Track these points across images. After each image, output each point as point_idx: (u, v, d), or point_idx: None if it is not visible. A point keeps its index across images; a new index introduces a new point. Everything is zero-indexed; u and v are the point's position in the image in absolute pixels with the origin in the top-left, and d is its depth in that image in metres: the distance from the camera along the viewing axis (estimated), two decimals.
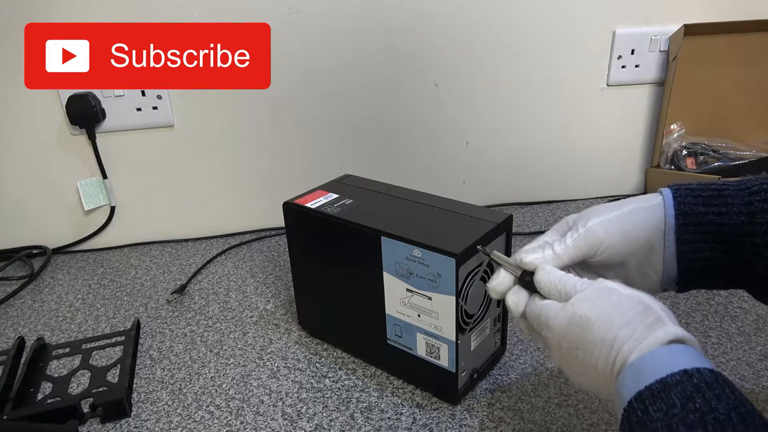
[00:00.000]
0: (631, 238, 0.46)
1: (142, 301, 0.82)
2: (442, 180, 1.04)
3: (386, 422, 0.57)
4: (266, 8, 0.88)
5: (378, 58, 0.94)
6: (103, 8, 0.85)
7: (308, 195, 0.66)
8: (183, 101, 0.92)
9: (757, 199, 0.43)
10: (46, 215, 0.97)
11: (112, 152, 0.94)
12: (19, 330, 0.77)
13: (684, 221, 0.45)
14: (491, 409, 0.58)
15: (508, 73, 0.98)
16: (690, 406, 0.32)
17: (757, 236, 0.43)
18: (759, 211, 0.43)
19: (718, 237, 0.44)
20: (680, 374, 0.34)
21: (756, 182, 0.44)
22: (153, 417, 0.59)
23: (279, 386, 0.63)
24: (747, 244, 0.43)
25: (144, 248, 0.99)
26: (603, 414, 0.56)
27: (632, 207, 0.46)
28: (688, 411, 0.32)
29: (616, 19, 0.97)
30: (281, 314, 0.76)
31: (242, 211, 1.02)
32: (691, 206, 0.45)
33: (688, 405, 0.32)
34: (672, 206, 0.45)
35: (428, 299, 0.55)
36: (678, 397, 0.33)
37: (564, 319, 0.41)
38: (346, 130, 0.99)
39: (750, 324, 0.69)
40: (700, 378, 0.33)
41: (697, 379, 0.33)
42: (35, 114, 0.89)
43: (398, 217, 0.59)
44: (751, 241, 0.43)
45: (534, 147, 1.05)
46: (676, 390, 0.33)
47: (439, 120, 1.00)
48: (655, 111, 1.04)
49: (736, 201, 0.44)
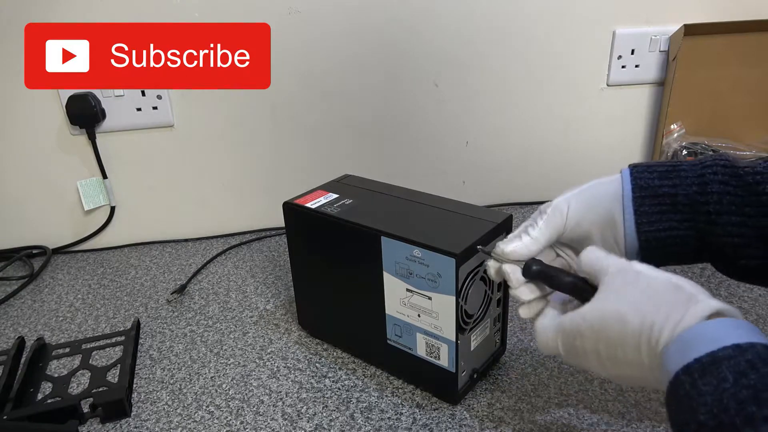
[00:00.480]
0: (591, 208, 0.48)
1: (142, 301, 0.82)
2: (442, 180, 1.04)
3: (386, 422, 0.57)
4: (266, 8, 0.88)
5: (378, 58, 0.94)
6: (103, 8, 0.85)
7: (308, 195, 0.66)
8: (183, 101, 0.92)
9: (708, 171, 0.45)
10: (46, 215, 0.97)
11: (112, 152, 0.94)
12: (19, 330, 0.77)
13: (641, 194, 0.47)
14: (491, 409, 0.58)
15: (508, 73, 0.98)
16: (743, 382, 0.31)
17: (709, 205, 0.44)
18: (710, 182, 0.45)
19: (674, 208, 0.46)
20: (732, 348, 0.33)
21: (709, 158, 0.46)
22: (153, 417, 0.59)
23: (279, 386, 0.63)
24: (702, 213, 0.45)
25: (144, 248, 0.99)
26: (603, 414, 0.56)
27: (592, 182, 0.50)
28: (741, 386, 0.31)
29: (616, 19, 0.97)
30: (281, 314, 0.77)
31: (242, 211, 1.02)
32: (647, 180, 0.47)
33: (741, 380, 0.31)
34: (629, 180, 0.47)
35: (428, 299, 0.55)
36: (730, 372, 0.31)
37: (594, 320, 0.40)
38: (346, 130, 0.99)
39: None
40: (755, 353, 0.32)
41: (751, 354, 0.32)
42: (35, 114, 0.89)
43: (398, 217, 0.59)
44: (705, 210, 0.44)
45: (534, 147, 1.05)
46: (728, 364, 0.32)
47: (440, 120, 1.00)
48: (655, 111, 1.04)
49: (689, 174, 0.46)
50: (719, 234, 0.44)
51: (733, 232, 0.44)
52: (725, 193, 0.44)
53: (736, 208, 0.44)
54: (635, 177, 0.47)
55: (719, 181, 0.44)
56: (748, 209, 0.43)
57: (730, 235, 0.44)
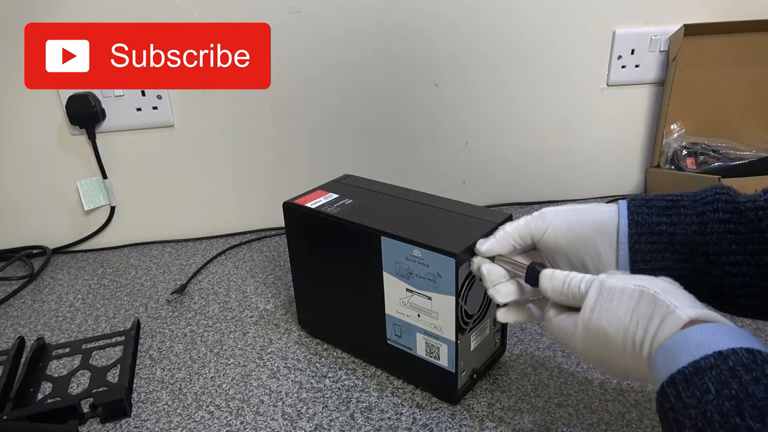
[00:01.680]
0: (573, 231, 0.48)
1: (142, 301, 0.82)
2: (442, 180, 1.04)
3: (386, 422, 0.57)
4: (266, 8, 0.88)
5: (378, 58, 0.94)
6: (103, 8, 0.85)
7: (308, 195, 0.66)
8: (183, 101, 0.92)
9: (709, 209, 0.43)
10: (46, 215, 0.97)
11: (112, 152, 0.94)
12: (19, 330, 0.77)
13: (637, 230, 0.45)
14: (491, 409, 0.58)
15: (508, 73, 0.98)
16: (726, 393, 0.30)
17: (708, 245, 0.43)
18: (710, 221, 0.43)
19: (671, 247, 0.44)
20: (714, 356, 0.32)
21: (710, 192, 0.44)
22: (153, 417, 0.59)
23: (279, 386, 0.63)
24: (699, 254, 0.43)
25: (144, 248, 0.99)
26: (603, 414, 0.56)
27: (587, 206, 0.49)
28: (724, 398, 0.30)
29: (616, 19, 0.97)
30: (281, 314, 0.77)
31: (242, 211, 1.02)
32: (645, 216, 0.45)
33: (723, 391, 0.31)
34: (626, 215, 0.46)
35: (428, 299, 0.55)
36: (713, 383, 0.31)
37: (580, 336, 0.41)
38: (346, 130, 0.99)
39: (749, 324, 0.69)
40: (736, 360, 0.32)
41: (732, 361, 0.32)
42: (35, 114, 0.89)
43: (398, 217, 0.59)
44: (703, 250, 0.43)
45: (534, 147, 1.05)
46: (711, 375, 0.32)
47: (439, 120, 1.00)
48: (655, 111, 1.04)
49: (689, 211, 0.44)
50: (717, 275, 0.43)
51: (734, 272, 0.43)
52: (726, 232, 0.43)
53: (737, 246, 0.42)
54: (633, 212, 0.46)
55: (720, 219, 0.43)
56: (751, 247, 0.42)
57: (730, 275, 0.43)
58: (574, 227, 0.48)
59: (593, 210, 0.48)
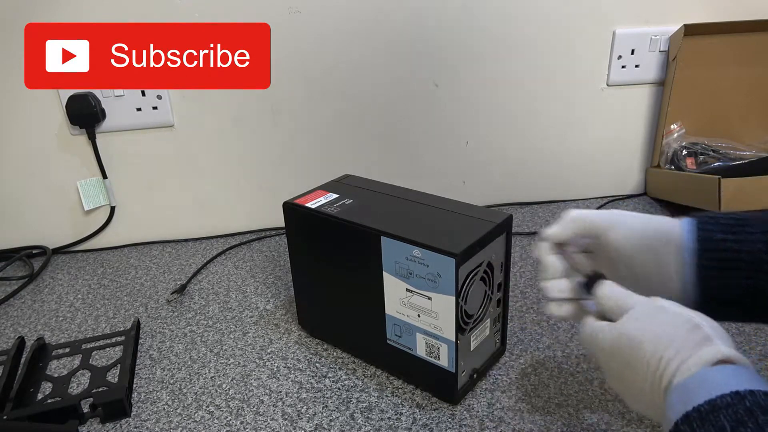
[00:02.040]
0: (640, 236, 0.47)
1: (142, 301, 0.82)
2: (442, 180, 1.04)
3: (386, 422, 0.57)
4: (266, 8, 0.88)
5: (378, 58, 0.94)
6: (103, 8, 0.85)
7: (308, 195, 0.66)
8: (183, 101, 0.92)
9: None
10: (46, 215, 0.97)
11: (112, 152, 0.94)
12: (19, 330, 0.77)
13: (704, 246, 0.45)
14: (491, 409, 0.58)
15: (508, 73, 0.98)
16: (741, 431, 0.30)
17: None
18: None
19: (736, 264, 0.44)
20: (731, 396, 0.32)
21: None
22: (153, 417, 0.59)
23: (279, 386, 0.63)
24: (764, 272, 0.43)
25: (144, 248, 0.99)
26: (603, 414, 0.56)
27: (648, 215, 0.49)
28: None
29: (616, 19, 0.97)
30: (281, 314, 0.77)
31: (242, 211, 1.02)
32: (712, 233, 0.45)
33: (738, 429, 0.30)
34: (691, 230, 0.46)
35: (428, 299, 0.55)
36: (728, 420, 0.31)
37: (612, 338, 0.41)
38: (346, 130, 0.99)
39: (749, 324, 0.69)
40: (753, 400, 0.31)
41: (749, 401, 0.31)
42: (35, 114, 0.89)
43: (398, 217, 0.59)
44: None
45: (534, 147, 1.05)
46: (726, 413, 0.31)
47: (439, 120, 1.00)
48: (655, 111, 1.04)
49: (755, 230, 0.44)
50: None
51: None
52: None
53: None
54: (699, 228, 0.45)
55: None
56: None
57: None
58: (642, 233, 0.47)
59: (656, 221, 0.48)
